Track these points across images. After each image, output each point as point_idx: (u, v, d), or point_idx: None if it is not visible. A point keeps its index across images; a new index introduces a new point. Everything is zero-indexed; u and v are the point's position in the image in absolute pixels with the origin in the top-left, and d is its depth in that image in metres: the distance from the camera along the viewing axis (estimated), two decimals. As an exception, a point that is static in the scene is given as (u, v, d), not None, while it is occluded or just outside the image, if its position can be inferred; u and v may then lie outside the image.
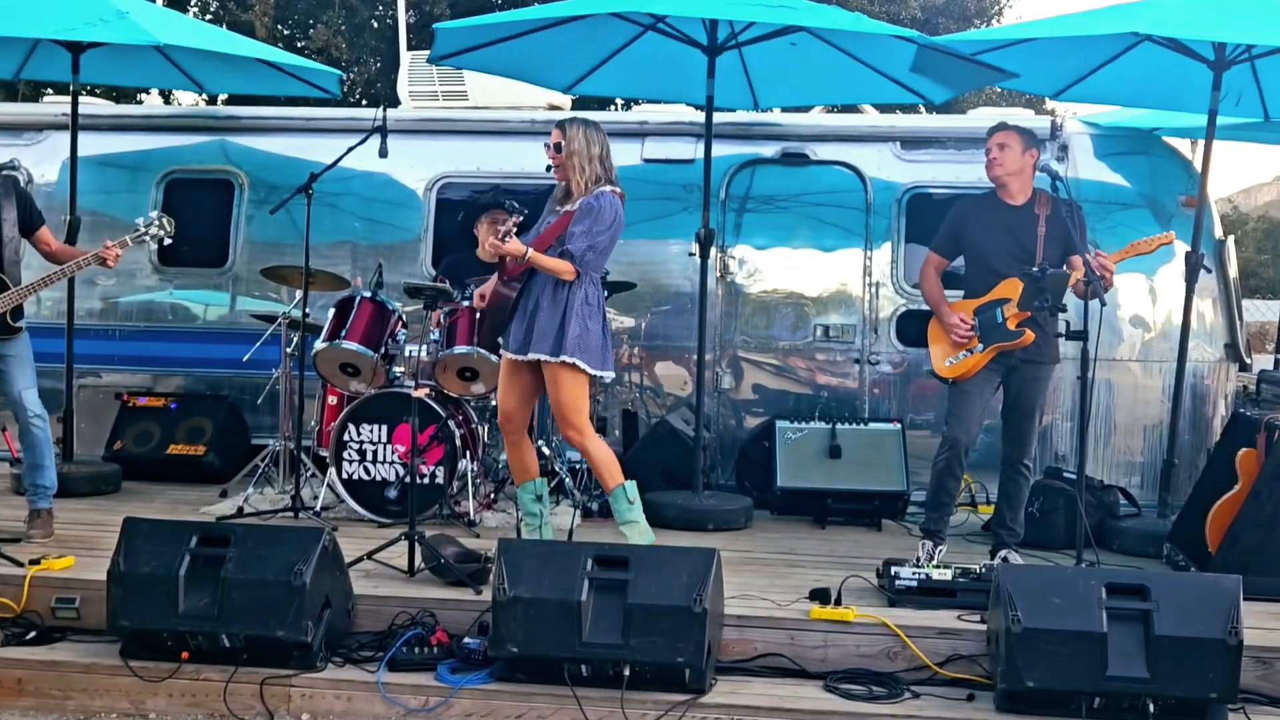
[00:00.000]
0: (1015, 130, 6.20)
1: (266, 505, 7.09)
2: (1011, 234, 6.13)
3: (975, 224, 6.25)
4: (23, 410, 6.34)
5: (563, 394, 5.92)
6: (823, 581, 5.57)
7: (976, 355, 6.11)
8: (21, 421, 6.39)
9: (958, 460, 6.14)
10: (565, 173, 5.99)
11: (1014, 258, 6.08)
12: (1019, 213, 6.16)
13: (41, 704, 5.06)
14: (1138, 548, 6.75)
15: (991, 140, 6.21)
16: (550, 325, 5.88)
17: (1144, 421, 7.95)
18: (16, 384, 6.33)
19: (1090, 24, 6.58)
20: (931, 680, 5.05)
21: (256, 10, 15.68)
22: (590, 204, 5.91)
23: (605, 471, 6.08)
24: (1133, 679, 4.63)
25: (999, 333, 6.05)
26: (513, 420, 6.12)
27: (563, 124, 6.03)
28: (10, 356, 6.32)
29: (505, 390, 6.11)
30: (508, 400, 6.11)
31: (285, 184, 7.99)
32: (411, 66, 9.37)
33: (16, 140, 8.98)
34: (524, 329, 5.94)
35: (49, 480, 6.46)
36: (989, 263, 6.17)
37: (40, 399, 6.40)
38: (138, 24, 7.14)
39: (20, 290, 6.25)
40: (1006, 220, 6.17)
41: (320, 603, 5.05)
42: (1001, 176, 6.18)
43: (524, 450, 6.20)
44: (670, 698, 4.81)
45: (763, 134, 8.51)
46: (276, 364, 7.73)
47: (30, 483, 6.44)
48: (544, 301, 5.91)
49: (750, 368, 8.41)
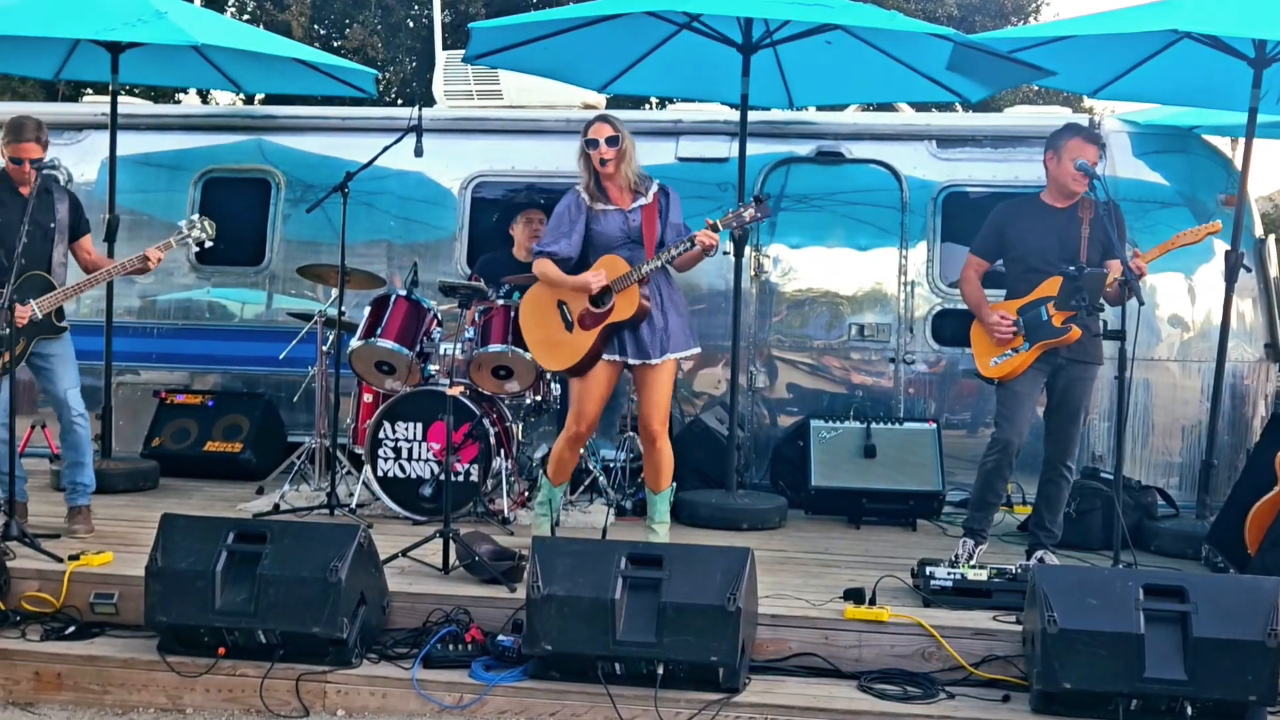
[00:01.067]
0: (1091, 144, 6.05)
1: (302, 502, 7.13)
2: (1055, 236, 6.09)
3: (1019, 227, 6.21)
4: (65, 409, 6.44)
5: (670, 389, 6.09)
6: (857, 581, 5.55)
7: (1022, 354, 6.07)
8: (64, 420, 6.48)
9: (1007, 462, 6.09)
10: (615, 166, 6.00)
11: (1058, 259, 6.04)
12: (1063, 215, 6.12)
13: (80, 698, 5.10)
14: (1176, 549, 6.71)
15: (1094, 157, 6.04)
16: (678, 324, 6.02)
17: (1182, 422, 7.88)
18: (60, 383, 6.42)
19: (1129, 21, 6.53)
20: (966, 681, 5.02)
21: (293, 10, 15.77)
22: (673, 195, 6.08)
23: (667, 469, 6.17)
24: (1170, 681, 4.58)
25: (1045, 330, 6.01)
26: (594, 425, 6.18)
27: (608, 119, 6.04)
28: (54, 355, 6.42)
29: (593, 397, 6.07)
30: (594, 407, 6.09)
31: (321, 183, 8.04)
32: (447, 66, 9.40)
33: (57, 140, 8.95)
34: (656, 333, 5.98)
35: (88, 478, 6.55)
36: (1032, 263, 6.13)
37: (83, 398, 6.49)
38: (176, 24, 7.19)
39: (65, 291, 6.36)
40: (1050, 222, 6.12)
41: (355, 599, 5.07)
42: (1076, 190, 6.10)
43: (578, 456, 6.35)
44: (704, 696, 4.80)
45: (797, 132, 8.49)
46: (312, 362, 7.77)
47: (70, 480, 6.51)
48: (666, 303, 6.00)
49: (785, 367, 8.39)
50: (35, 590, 5.56)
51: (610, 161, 5.98)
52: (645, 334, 5.97)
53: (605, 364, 6.04)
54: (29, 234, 6.19)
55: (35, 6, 7.48)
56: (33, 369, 6.44)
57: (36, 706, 5.08)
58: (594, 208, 6.05)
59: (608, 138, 5.96)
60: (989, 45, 6.80)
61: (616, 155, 5.98)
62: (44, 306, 6.27)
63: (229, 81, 8.97)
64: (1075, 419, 6.18)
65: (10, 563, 5.62)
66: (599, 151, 5.97)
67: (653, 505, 6.21)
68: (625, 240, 6.00)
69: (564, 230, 6.05)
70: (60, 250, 6.48)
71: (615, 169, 6.01)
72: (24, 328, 6.23)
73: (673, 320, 6.01)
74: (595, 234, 6.05)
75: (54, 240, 6.44)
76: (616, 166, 6.00)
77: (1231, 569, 6.08)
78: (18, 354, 6.27)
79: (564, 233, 6.05)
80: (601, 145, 5.96)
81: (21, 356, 6.32)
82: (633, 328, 5.96)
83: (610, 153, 5.97)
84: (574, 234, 6.05)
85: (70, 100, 13.36)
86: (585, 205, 6.07)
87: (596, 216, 6.04)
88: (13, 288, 6.06)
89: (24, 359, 6.34)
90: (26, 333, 6.28)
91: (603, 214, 6.03)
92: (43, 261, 6.39)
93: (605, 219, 6.03)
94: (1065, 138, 6.06)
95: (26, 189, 6.34)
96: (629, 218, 6.01)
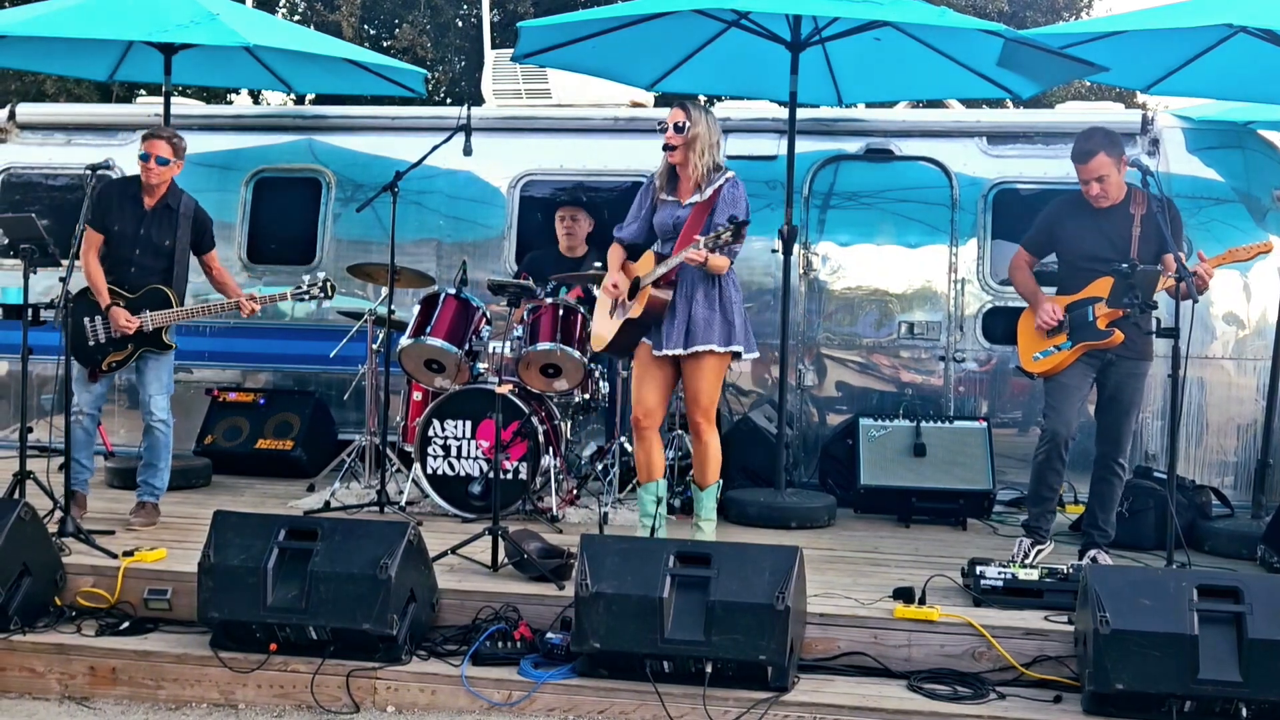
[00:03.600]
0: (1105, 153, 5.98)
1: (353, 499, 7.18)
2: (1105, 234, 6.04)
3: (1070, 225, 6.18)
4: (150, 414, 6.67)
5: (710, 383, 5.99)
6: (907, 580, 5.53)
7: (1064, 352, 6.04)
8: (147, 424, 6.70)
9: (1058, 454, 6.04)
10: (683, 154, 5.90)
11: (1105, 259, 5.99)
12: (1113, 213, 6.06)
13: (135, 693, 5.16)
14: (1230, 549, 6.63)
15: (1089, 172, 6.00)
16: (712, 318, 5.90)
17: (1237, 421, 7.79)
18: (150, 388, 6.66)
19: (1183, 16, 6.46)
20: (1017, 681, 5.00)
21: (343, 11, 15.86)
22: (731, 194, 5.89)
23: (714, 464, 6.12)
24: (1225, 683, 4.54)
25: (1088, 331, 5.98)
26: (653, 415, 6.10)
27: (685, 105, 5.94)
28: (151, 359, 6.66)
29: (645, 386, 6.07)
30: (650, 396, 6.06)
31: (371, 182, 8.10)
32: (495, 65, 9.42)
33: (111, 140, 9.17)
34: (682, 325, 5.92)
35: (161, 482, 6.76)
36: (1082, 262, 6.10)
37: (169, 404, 6.72)
38: (228, 25, 7.25)
39: (177, 312, 6.62)
40: (1100, 221, 6.08)
41: (405, 596, 5.10)
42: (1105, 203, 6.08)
43: (655, 447, 6.16)
44: (752, 695, 4.80)
45: (846, 130, 8.46)
46: (362, 360, 7.83)
47: (143, 480, 6.72)
48: (699, 296, 5.90)
49: (833, 365, 8.36)
50: (90, 586, 5.64)
51: (677, 149, 5.90)
52: (665, 327, 5.95)
53: (645, 351, 6.05)
54: (143, 248, 6.56)
55: (90, 10, 7.56)
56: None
57: (92, 700, 5.15)
58: (660, 197, 6.04)
59: (676, 124, 5.87)
60: (1040, 41, 6.74)
61: (683, 143, 5.88)
62: (155, 321, 6.55)
63: (280, 82, 9.04)
64: (1126, 415, 6.13)
65: (66, 558, 5.71)
66: (667, 136, 5.91)
67: (698, 501, 6.19)
68: (672, 235, 5.97)
69: (633, 215, 6.10)
70: (181, 266, 6.71)
71: (683, 158, 5.91)
72: (132, 336, 6.51)
73: (701, 313, 5.88)
74: (655, 224, 6.07)
75: (172, 257, 6.66)
76: (685, 155, 5.90)
77: (1288, 570, 6.02)
78: (122, 359, 6.58)
79: (634, 217, 6.09)
80: (669, 131, 5.90)
81: (126, 362, 6.60)
82: (654, 323, 5.96)
83: (676, 139, 5.88)
84: (638, 220, 6.07)
85: (124, 101, 13.49)
86: (654, 193, 6.07)
87: (659, 206, 6.04)
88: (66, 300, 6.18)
89: (126, 364, 6.61)
90: (135, 341, 6.55)
91: (663, 204, 6.02)
92: (159, 275, 6.63)
93: (663, 210, 6.02)
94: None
95: (151, 201, 6.52)
96: (679, 213, 5.97)
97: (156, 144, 6.55)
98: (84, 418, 6.58)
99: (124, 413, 8.82)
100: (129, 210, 6.60)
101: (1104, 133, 6.09)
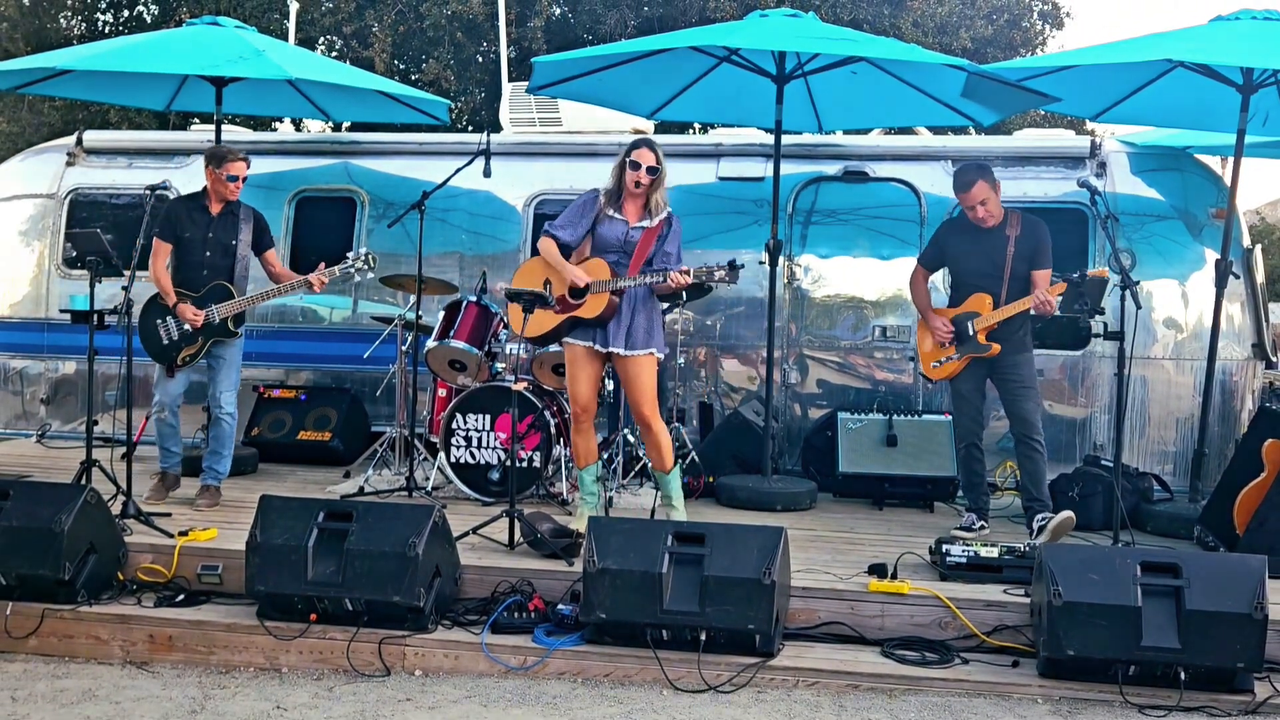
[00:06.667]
0: (983, 180, 6.17)
1: (384, 485, 7.17)
2: (984, 253, 6.22)
3: (955, 244, 6.39)
4: (219, 408, 6.72)
5: (650, 380, 6.02)
6: (880, 557, 5.53)
7: (955, 362, 6.29)
8: (213, 415, 6.76)
9: (973, 449, 6.37)
10: (648, 190, 6.00)
11: (984, 274, 6.20)
12: (992, 234, 6.24)
13: (189, 658, 5.17)
14: (1170, 529, 6.65)
15: (971, 199, 6.18)
16: (649, 325, 6.01)
17: (1176, 414, 7.78)
18: (219, 383, 6.69)
19: (1127, 52, 6.47)
20: (979, 648, 5.00)
21: (376, 48, 15.83)
22: (678, 227, 6.08)
23: (667, 451, 6.13)
24: (1165, 649, 4.55)
25: (970, 344, 6.22)
26: (589, 409, 6.13)
27: (653, 147, 6.00)
28: (222, 358, 6.69)
29: (581, 382, 6.08)
30: (586, 390, 6.08)
31: (401, 201, 8.08)
32: (512, 96, 9.44)
33: (168, 164, 9.17)
34: (624, 330, 5.96)
35: (224, 467, 6.81)
36: (966, 277, 6.32)
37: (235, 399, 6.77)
38: (273, 61, 7.26)
39: (242, 300, 6.61)
40: (980, 241, 6.26)
41: (431, 572, 5.10)
42: (991, 222, 6.21)
43: (591, 436, 6.21)
44: (742, 660, 4.81)
45: (826, 154, 8.44)
46: (393, 360, 7.82)
47: (208, 465, 6.77)
48: (639, 306, 5.99)
49: (815, 364, 8.35)
50: (149, 563, 5.65)
51: (644, 186, 5.99)
52: (611, 328, 5.97)
53: (583, 351, 6.05)
54: (212, 249, 6.58)
55: (150, 47, 7.59)
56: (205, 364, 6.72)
57: (151, 665, 5.15)
58: (605, 212, 6.06)
59: (649, 166, 5.96)
60: (1000, 75, 6.74)
61: (651, 183, 6.00)
62: (223, 312, 6.57)
63: (319, 111, 9.05)
64: (1025, 394, 6.22)
65: (127, 538, 5.72)
66: (638, 174, 5.96)
67: (665, 487, 6.19)
68: (619, 250, 6.01)
69: (574, 220, 6.08)
70: (243, 264, 6.72)
71: (645, 192, 6.02)
72: (201, 329, 6.53)
73: (640, 321, 5.99)
74: (597, 234, 6.07)
75: (236, 255, 6.67)
76: (648, 191, 6.01)
77: (1221, 548, 6.01)
78: (194, 352, 6.59)
79: (573, 222, 6.07)
80: (642, 170, 5.96)
81: (198, 354, 6.61)
82: (600, 323, 5.98)
83: (647, 179, 5.98)
84: (580, 227, 6.07)
85: (179, 129, 13.50)
86: (599, 207, 6.07)
87: (604, 220, 6.06)
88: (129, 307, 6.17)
89: (199, 356, 6.62)
90: (204, 334, 6.57)
91: (609, 220, 6.04)
92: (224, 273, 6.64)
93: (610, 225, 6.04)
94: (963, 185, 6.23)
95: (217, 207, 6.54)
96: (630, 232, 6.02)
97: (239, 165, 6.62)
98: (166, 413, 6.64)
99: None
100: (197, 218, 6.63)
101: (978, 166, 6.33)
